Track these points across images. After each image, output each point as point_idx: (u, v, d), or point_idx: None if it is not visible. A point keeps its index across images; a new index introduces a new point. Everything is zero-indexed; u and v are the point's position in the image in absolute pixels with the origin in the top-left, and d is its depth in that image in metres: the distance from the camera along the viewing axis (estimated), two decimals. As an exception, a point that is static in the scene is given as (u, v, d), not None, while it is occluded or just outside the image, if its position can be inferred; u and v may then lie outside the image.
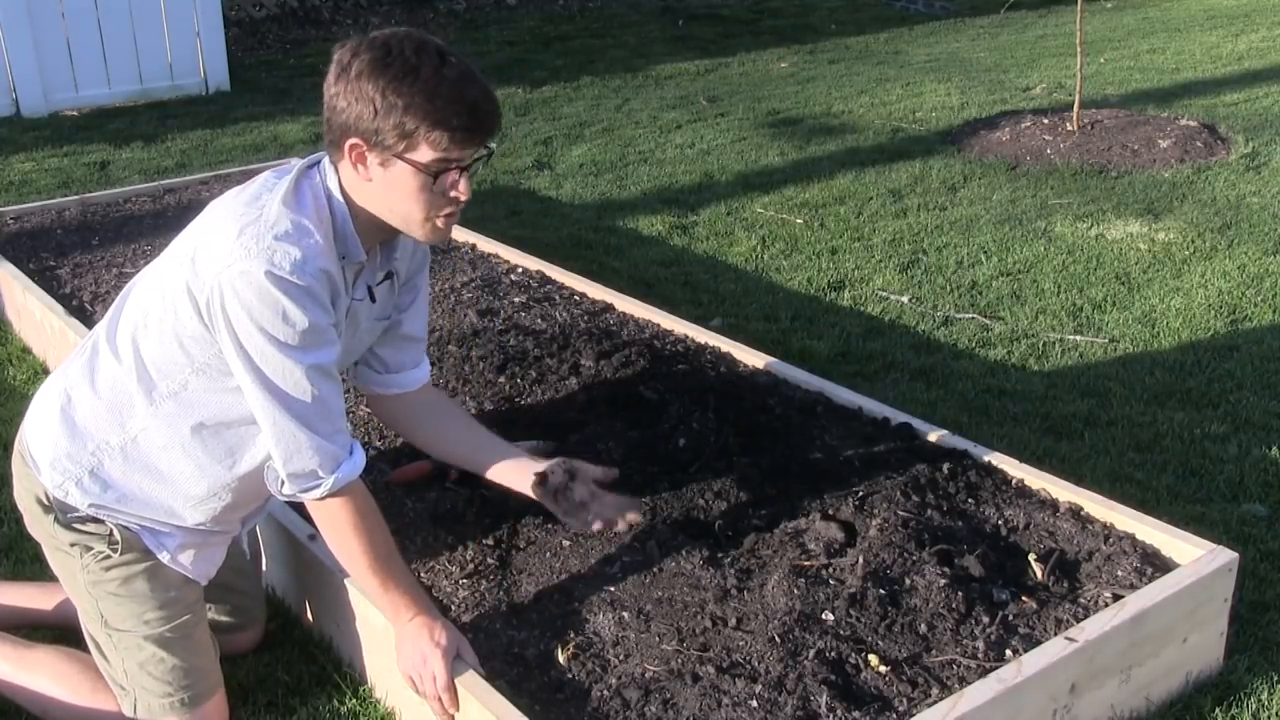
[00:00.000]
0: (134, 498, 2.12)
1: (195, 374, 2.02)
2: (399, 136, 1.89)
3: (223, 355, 1.97)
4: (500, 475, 2.40)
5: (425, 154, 1.91)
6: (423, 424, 2.43)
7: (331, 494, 2.02)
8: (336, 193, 2.00)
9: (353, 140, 1.93)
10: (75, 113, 7.59)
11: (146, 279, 2.09)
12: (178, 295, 1.98)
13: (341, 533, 2.06)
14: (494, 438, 2.44)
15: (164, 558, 2.17)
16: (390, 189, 1.95)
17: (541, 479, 2.33)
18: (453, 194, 1.97)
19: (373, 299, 2.16)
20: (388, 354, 2.35)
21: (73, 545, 2.14)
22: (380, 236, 2.08)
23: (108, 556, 2.13)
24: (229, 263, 1.89)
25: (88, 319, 3.78)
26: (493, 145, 2.00)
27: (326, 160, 2.03)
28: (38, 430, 2.16)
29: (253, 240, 1.89)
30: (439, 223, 2.00)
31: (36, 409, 2.19)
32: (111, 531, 2.13)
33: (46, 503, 2.15)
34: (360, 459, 2.06)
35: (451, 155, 1.92)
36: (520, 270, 4.14)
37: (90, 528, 2.13)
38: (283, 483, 2.03)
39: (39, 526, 2.19)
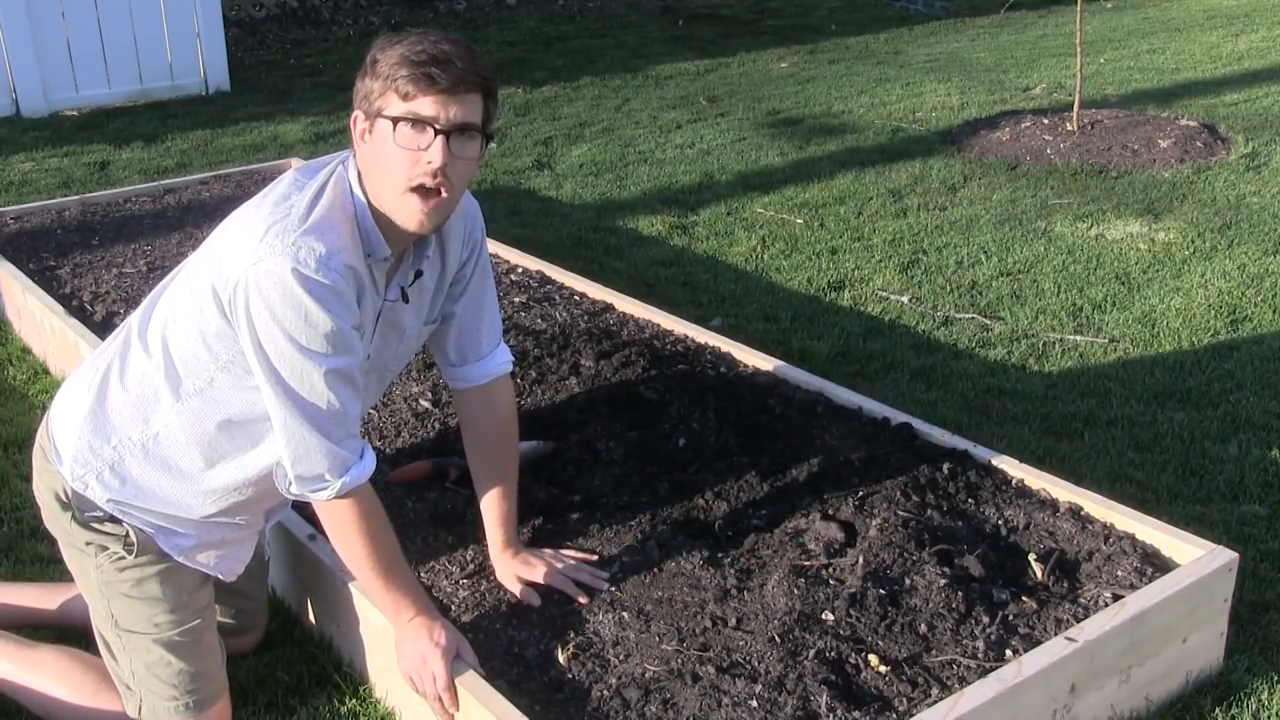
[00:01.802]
0: (152, 494, 2.12)
1: (220, 370, 2.02)
2: (379, 91, 1.89)
3: (245, 353, 1.97)
4: (486, 527, 2.42)
5: (394, 105, 1.89)
6: (465, 429, 2.39)
7: (338, 496, 2.03)
8: (357, 187, 1.99)
9: (355, 111, 1.95)
10: (75, 113, 7.59)
11: (179, 275, 2.09)
12: (203, 292, 1.98)
13: (346, 533, 2.06)
14: (502, 495, 2.38)
15: (181, 559, 2.17)
16: (375, 155, 1.93)
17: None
18: (424, 157, 1.89)
19: (405, 299, 2.14)
20: (450, 346, 2.31)
21: (88, 544, 2.15)
22: (409, 236, 2.05)
23: (122, 558, 2.14)
24: (254, 260, 1.89)
25: (88, 319, 3.78)
26: (488, 131, 1.96)
27: (352, 157, 2.03)
28: (63, 421, 2.16)
29: (277, 238, 1.89)
30: (417, 199, 1.92)
31: (62, 401, 2.19)
32: (128, 533, 2.13)
33: (65, 499, 2.15)
34: (370, 463, 2.05)
35: (421, 111, 1.87)
36: (520, 270, 4.14)
37: (107, 528, 2.14)
38: (290, 483, 2.03)
39: (56, 523, 2.19)
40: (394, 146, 1.89)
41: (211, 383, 2.04)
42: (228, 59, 8.23)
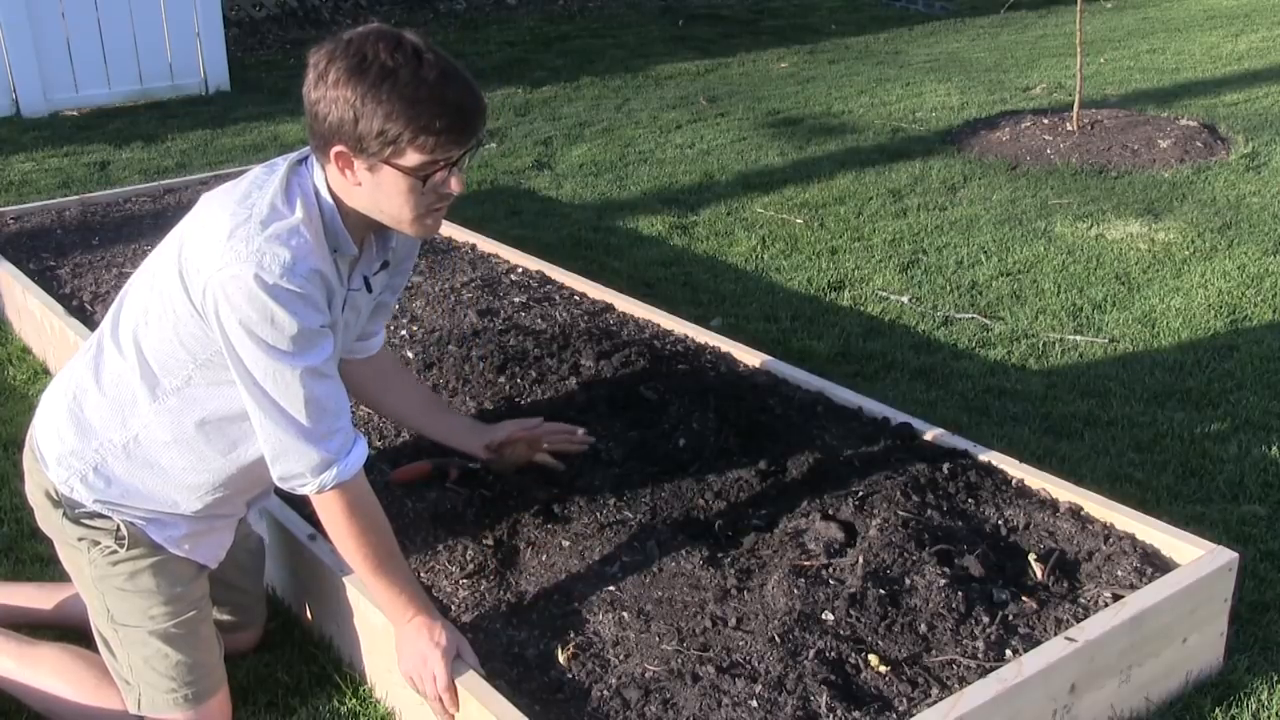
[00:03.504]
0: (137, 492, 2.13)
1: (199, 369, 2.03)
2: (383, 144, 1.87)
3: (222, 352, 1.97)
4: (452, 438, 2.60)
5: (412, 158, 1.89)
6: (384, 389, 2.54)
7: (327, 490, 2.03)
8: (324, 191, 2.00)
9: (338, 148, 1.91)
10: (75, 113, 7.59)
11: (143, 275, 2.10)
12: (174, 294, 1.98)
13: (337, 524, 2.07)
14: (446, 406, 2.72)
15: (172, 549, 2.18)
16: (379, 192, 1.95)
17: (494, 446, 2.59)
18: (443, 191, 1.96)
19: (369, 289, 2.18)
20: (370, 323, 2.42)
21: (80, 540, 2.15)
22: (371, 229, 2.09)
23: (115, 551, 2.14)
24: (220, 265, 1.89)
25: (88, 319, 3.78)
26: (481, 135, 1.99)
27: (314, 156, 2.03)
28: (46, 426, 2.17)
29: (242, 243, 1.89)
30: (429, 220, 2.01)
31: (45, 405, 2.20)
32: (119, 527, 2.14)
33: (55, 498, 2.16)
34: (358, 458, 2.05)
35: (438, 157, 1.91)
36: (520, 270, 4.14)
37: (98, 523, 2.14)
38: (277, 480, 2.04)
39: (49, 521, 2.20)
40: (415, 191, 1.93)
41: (189, 381, 2.05)
42: (228, 59, 8.23)
